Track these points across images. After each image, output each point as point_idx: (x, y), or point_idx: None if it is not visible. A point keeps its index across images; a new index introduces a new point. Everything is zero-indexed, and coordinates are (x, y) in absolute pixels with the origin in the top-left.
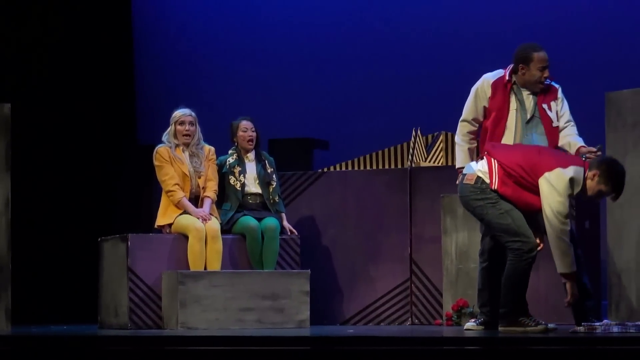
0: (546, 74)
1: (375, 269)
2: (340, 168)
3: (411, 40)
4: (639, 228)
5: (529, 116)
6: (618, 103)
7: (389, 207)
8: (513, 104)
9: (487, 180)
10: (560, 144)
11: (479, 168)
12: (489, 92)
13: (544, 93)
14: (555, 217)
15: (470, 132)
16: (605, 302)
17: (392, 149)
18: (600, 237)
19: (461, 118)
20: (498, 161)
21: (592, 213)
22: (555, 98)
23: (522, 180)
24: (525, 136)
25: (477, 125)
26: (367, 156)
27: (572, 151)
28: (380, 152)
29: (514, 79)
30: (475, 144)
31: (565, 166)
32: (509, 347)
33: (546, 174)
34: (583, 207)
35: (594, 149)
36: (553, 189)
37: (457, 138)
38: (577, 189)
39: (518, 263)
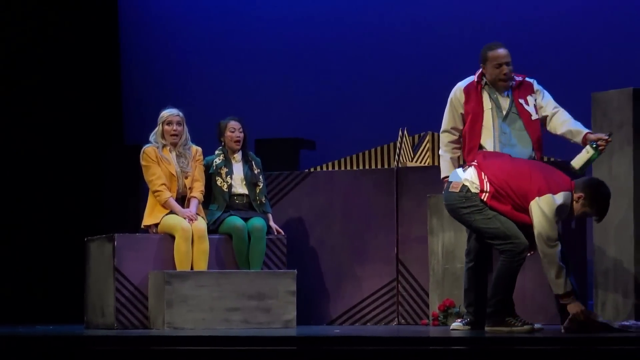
0: (504, 70)
1: (362, 269)
2: (327, 168)
3: (398, 40)
4: (625, 228)
5: (504, 113)
6: (604, 103)
7: (376, 207)
8: (487, 103)
9: (474, 190)
10: (560, 132)
11: (466, 177)
12: (462, 99)
13: (518, 89)
14: (546, 244)
15: (452, 142)
16: (591, 301)
17: (378, 149)
18: (586, 237)
19: (441, 130)
20: (489, 178)
21: None
22: (532, 92)
23: (511, 200)
24: (504, 133)
25: (458, 133)
26: (354, 156)
27: (579, 139)
28: (366, 152)
29: (484, 80)
30: (459, 153)
31: (555, 192)
32: (495, 347)
33: (537, 199)
34: None
35: (605, 137)
36: (543, 215)
37: (440, 150)
38: (564, 215)
39: (510, 264)
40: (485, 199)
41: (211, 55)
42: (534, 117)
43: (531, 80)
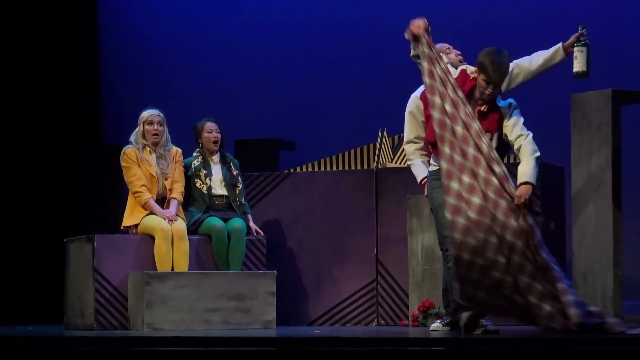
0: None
1: (342, 270)
2: (307, 169)
3: (378, 41)
4: (604, 229)
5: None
6: (583, 104)
7: (355, 208)
8: None
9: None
10: (537, 66)
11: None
12: (422, 105)
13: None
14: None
15: (418, 149)
16: None
17: (358, 150)
18: (566, 238)
19: (404, 142)
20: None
21: (557, 214)
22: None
23: None
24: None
25: (421, 141)
26: (334, 157)
27: (559, 56)
28: (346, 153)
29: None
30: (427, 158)
31: None
32: (475, 348)
33: None
34: (549, 208)
35: (579, 32)
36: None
37: (409, 161)
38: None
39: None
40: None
41: (191, 56)
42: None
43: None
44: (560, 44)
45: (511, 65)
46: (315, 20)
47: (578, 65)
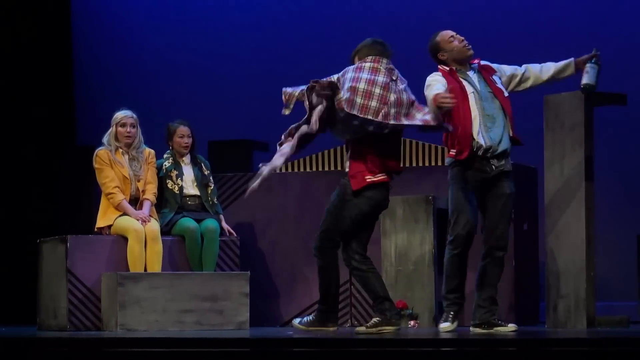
0: (460, 38)
1: (315, 271)
2: (280, 170)
3: (352, 42)
4: (577, 230)
5: (483, 95)
6: (556, 106)
7: None
8: (468, 87)
9: None
10: (547, 77)
11: None
12: (445, 84)
13: (484, 70)
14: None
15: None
16: (543, 303)
17: (332, 150)
18: (539, 239)
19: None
20: None
21: (530, 215)
22: (494, 71)
23: None
24: (487, 115)
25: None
26: (307, 158)
27: (571, 69)
28: (320, 154)
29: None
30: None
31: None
32: (447, 349)
33: None
34: (522, 209)
35: (594, 53)
36: None
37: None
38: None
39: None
40: None
41: (164, 57)
42: (506, 94)
43: (486, 62)
44: (572, 59)
45: (523, 67)
46: (288, 21)
47: (587, 78)
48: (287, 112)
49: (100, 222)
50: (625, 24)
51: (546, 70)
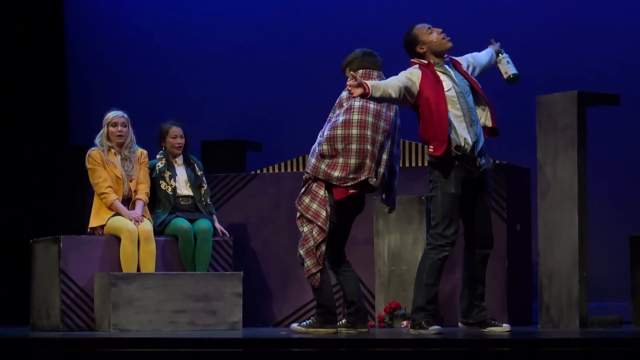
0: (438, 30)
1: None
2: (273, 170)
3: (343, 42)
4: (569, 230)
5: (463, 90)
6: (549, 106)
7: None
8: (446, 84)
9: None
10: (484, 65)
11: None
12: (419, 80)
13: (454, 63)
14: None
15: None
16: (536, 303)
17: None
18: (531, 240)
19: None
20: None
21: (523, 215)
22: (460, 63)
23: None
24: (471, 108)
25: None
26: (300, 158)
27: (494, 58)
28: None
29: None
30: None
31: None
32: (438, 349)
33: None
34: (515, 210)
35: (494, 44)
36: None
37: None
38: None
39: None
40: None
41: (157, 57)
42: (478, 84)
43: (450, 56)
44: (492, 48)
45: (471, 57)
46: (281, 21)
47: (512, 68)
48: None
49: (93, 222)
50: (617, 24)
51: (484, 58)
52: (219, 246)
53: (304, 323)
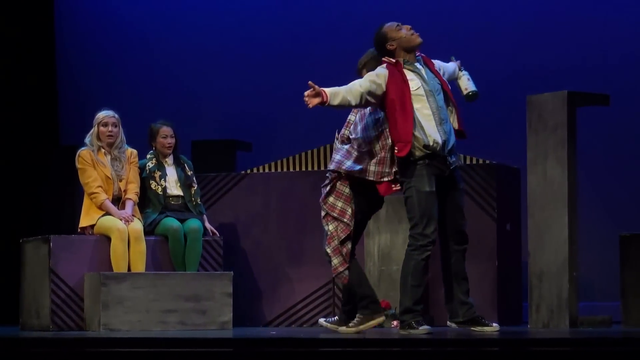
0: (407, 27)
1: (298, 271)
2: (264, 170)
3: (334, 43)
4: (559, 230)
5: (432, 88)
6: (539, 106)
7: (312, 209)
8: (415, 83)
9: None
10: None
11: None
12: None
13: (426, 61)
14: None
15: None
16: (526, 303)
17: (314, 150)
18: (521, 239)
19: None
20: None
21: (513, 215)
22: (433, 63)
23: None
24: (440, 107)
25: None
26: (290, 158)
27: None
28: (303, 154)
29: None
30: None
31: None
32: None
33: None
34: (505, 210)
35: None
36: None
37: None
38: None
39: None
40: None
41: (147, 57)
42: (449, 86)
43: (422, 55)
44: (454, 67)
45: (453, 65)
46: (271, 22)
47: (472, 85)
48: None
49: (84, 222)
50: (610, 23)
51: (450, 68)
52: (209, 246)
53: (330, 319)
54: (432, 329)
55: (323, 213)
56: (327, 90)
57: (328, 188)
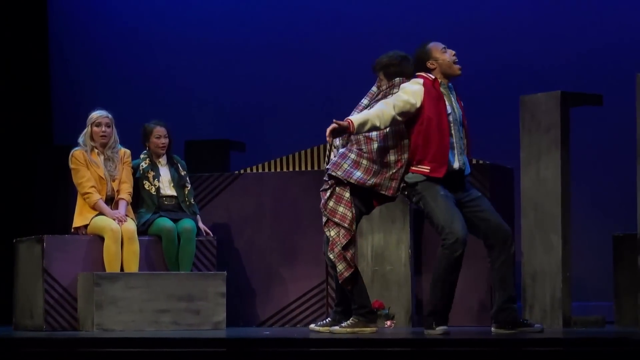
0: (452, 52)
1: (292, 271)
2: (257, 170)
3: (326, 42)
4: (553, 231)
5: (457, 116)
6: (532, 106)
7: (305, 209)
8: (448, 107)
9: None
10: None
11: None
12: (422, 96)
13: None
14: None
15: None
16: (520, 304)
17: (308, 150)
18: (515, 240)
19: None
20: None
21: (507, 215)
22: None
23: None
24: (462, 138)
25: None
26: (284, 158)
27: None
28: (296, 154)
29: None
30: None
31: None
32: (430, 349)
33: None
34: (498, 210)
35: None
36: None
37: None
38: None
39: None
40: None
41: (141, 57)
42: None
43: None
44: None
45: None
46: (264, 22)
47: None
48: None
49: (77, 222)
50: (602, 24)
51: None
52: (203, 246)
53: (321, 323)
54: (449, 329)
55: (324, 219)
56: (355, 119)
57: (328, 193)
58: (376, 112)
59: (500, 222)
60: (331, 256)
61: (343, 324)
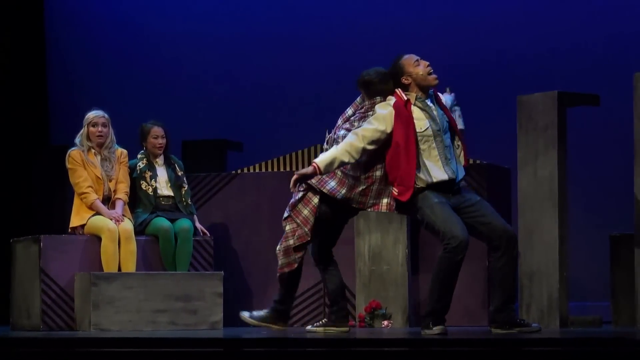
0: (425, 63)
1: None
2: (254, 170)
3: (324, 42)
4: (550, 230)
5: (441, 126)
6: (529, 106)
7: None
8: (423, 123)
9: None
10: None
11: None
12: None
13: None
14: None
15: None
16: (517, 304)
17: (305, 150)
18: None
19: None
20: None
21: (504, 215)
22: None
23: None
24: (447, 147)
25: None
26: (281, 158)
27: None
28: (293, 154)
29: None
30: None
31: None
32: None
33: None
34: (495, 209)
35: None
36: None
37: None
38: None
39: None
40: None
41: (138, 57)
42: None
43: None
44: (449, 96)
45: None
46: (261, 21)
47: (461, 124)
48: None
49: (74, 222)
50: (599, 25)
51: (448, 99)
52: (200, 246)
53: (315, 325)
54: (446, 329)
55: (286, 214)
56: (320, 161)
57: (300, 195)
58: (344, 147)
59: (504, 225)
60: (278, 247)
61: (316, 323)
